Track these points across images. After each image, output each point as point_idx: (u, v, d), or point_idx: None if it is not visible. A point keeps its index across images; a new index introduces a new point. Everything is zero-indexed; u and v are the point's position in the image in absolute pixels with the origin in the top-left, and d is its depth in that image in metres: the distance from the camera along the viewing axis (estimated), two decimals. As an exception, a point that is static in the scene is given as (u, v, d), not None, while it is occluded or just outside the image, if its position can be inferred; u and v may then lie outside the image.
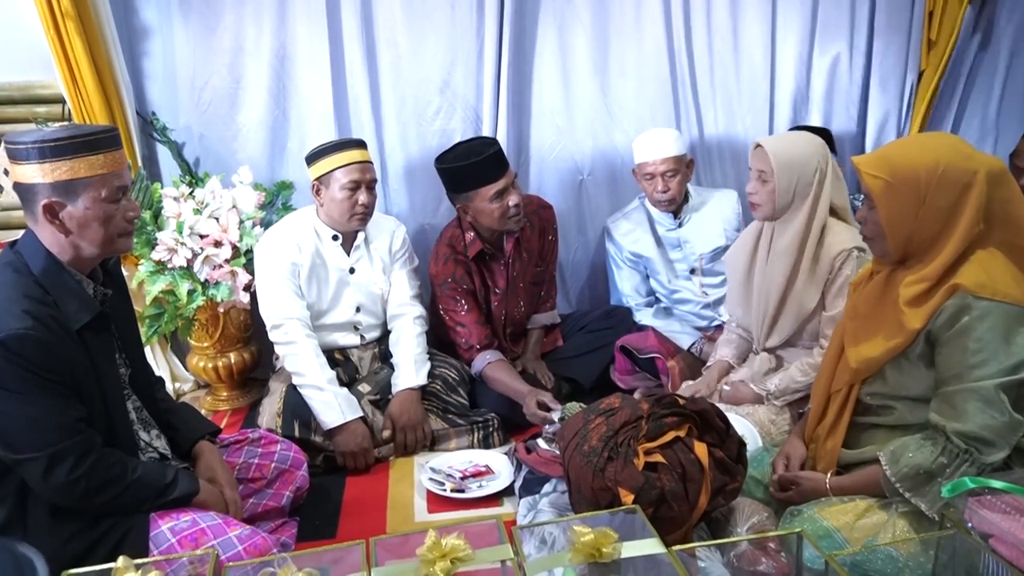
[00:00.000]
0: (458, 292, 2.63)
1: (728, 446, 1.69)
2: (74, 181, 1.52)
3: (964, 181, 1.46)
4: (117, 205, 1.58)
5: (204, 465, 1.80)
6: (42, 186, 1.51)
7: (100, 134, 1.55)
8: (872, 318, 1.63)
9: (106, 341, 1.64)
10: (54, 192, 1.52)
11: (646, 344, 2.63)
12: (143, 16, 2.73)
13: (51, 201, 1.52)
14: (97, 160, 1.54)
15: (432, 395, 2.52)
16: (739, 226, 2.83)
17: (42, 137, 1.50)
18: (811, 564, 1.32)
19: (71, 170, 1.51)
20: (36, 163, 1.50)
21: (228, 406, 2.85)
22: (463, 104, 2.97)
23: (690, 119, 3.13)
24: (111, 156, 1.57)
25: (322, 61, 2.82)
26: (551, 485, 2.03)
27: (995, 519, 1.24)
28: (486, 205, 2.51)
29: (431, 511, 2.14)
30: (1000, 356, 1.42)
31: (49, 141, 1.50)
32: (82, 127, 1.59)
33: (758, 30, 3.07)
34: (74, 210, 1.54)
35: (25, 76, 2.68)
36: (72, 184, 1.52)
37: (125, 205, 1.61)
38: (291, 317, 2.41)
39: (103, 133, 1.56)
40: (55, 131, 1.53)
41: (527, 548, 1.53)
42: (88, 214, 1.54)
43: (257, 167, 2.83)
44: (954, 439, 1.45)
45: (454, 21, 2.88)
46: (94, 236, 1.56)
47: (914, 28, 3.12)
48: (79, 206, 1.54)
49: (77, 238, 1.56)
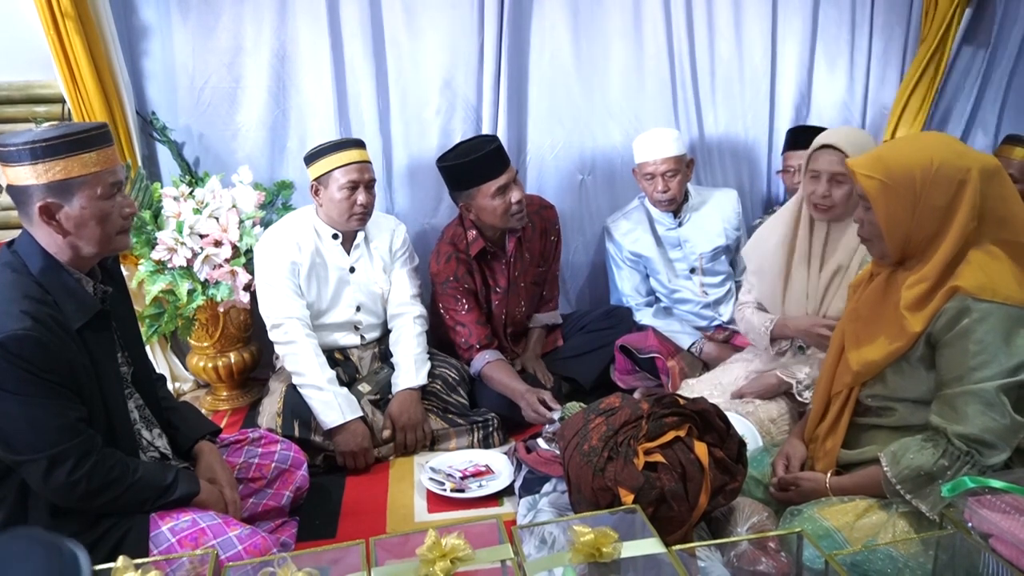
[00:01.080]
0: (459, 291, 2.63)
1: (728, 446, 1.69)
2: (68, 181, 1.51)
3: (959, 178, 1.46)
4: (112, 202, 1.57)
5: (204, 465, 1.80)
6: (36, 187, 1.50)
7: (91, 131, 1.54)
8: (873, 321, 1.63)
9: (107, 340, 1.64)
10: (49, 193, 1.51)
11: (646, 344, 2.63)
12: (143, 16, 2.73)
13: (47, 202, 1.51)
14: (90, 158, 1.52)
15: (432, 395, 2.52)
16: (739, 225, 2.84)
17: (33, 138, 1.48)
18: (811, 564, 1.32)
19: (64, 170, 1.50)
20: (28, 164, 1.48)
21: (228, 406, 2.85)
22: (463, 104, 2.97)
23: (690, 118, 3.13)
24: (103, 153, 1.55)
25: (322, 60, 2.82)
26: (551, 485, 2.03)
27: (995, 519, 1.24)
28: (488, 202, 2.51)
29: (431, 511, 2.14)
30: (1001, 358, 1.42)
31: (40, 141, 1.48)
32: (72, 125, 1.56)
33: (758, 29, 3.07)
34: (70, 210, 1.52)
35: (25, 76, 2.68)
36: (67, 184, 1.51)
37: (120, 202, 1.59)
38: (291, 316, 2.41)
39: (94, 130, 1.55)
40: (45, 131, 1.51)
41: (527, 548, 1.53)
42: (85, 213, 1.53)
43: (257, 167, 2.83)
44: (955, 441, 1.45)
45: (454, 20, 2.88)
46: (92, 235, 1.56)
47: (912, 28, 3.12)
48: (75, 206, 1.53)
49: (75, 238, 1.55)
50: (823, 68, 3.17)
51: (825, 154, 2.03)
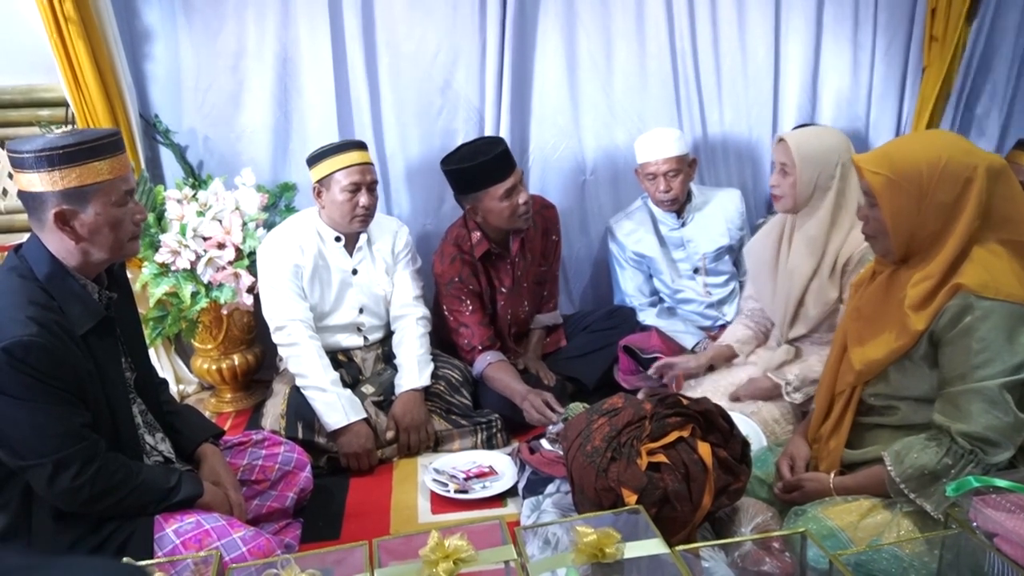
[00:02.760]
0: (463, 292, 2.63)
1: (732, 446, 1.69)
2: (83, 188, 1.52)
3: (966, 176, 1.46)
4: (125, 209, 1.59)
5: (208, 468, 1.80)
6: (51, 195, 1.51)
7: (105, 139, 1.55)
8: (876, 320, 1.62)
9: (111, 345, 1.64)
10: (64, 200, 1.51)
11: (649, 344, 2.63)
12: (146, 19, 2.73)
13: (62, 209, 1.51)
14: (104, 165, 1.54)
15: (435, 396, 2.52)
16: (742, 225, 2.83)
17: (48, 145, 1.49)
18: (815, 564, 1.32)
19: (79, 177, 1.51)
20: (44, 171, 1.49)
21: (232, 408, 2.86)
22: (465, 104, 2.97)
23: (693, 117, 3.12)
24: (117, 160, 1.57)
25: (324, 63, 2.82)
26: (555, 486, 2.03)
27: (1000, 518, 1.23)
28: (496, 204, 2.51)
29: (435, 512, 2.14)
30: (1004, 356, 1.42)
31: (57, 149, 1.49)
32: (86, 132, 1.57)
33: (762, 27, 3.06)
34: (85, 217, 1.53)
35: (28, 79, 2.69)
36: (82, 191, 1.52)
37: (132, 208, 1.61)
38: (294, 319, 2.42)
39: (108, 137, 1.56)
40: (60, 138, 1.52)
41: (530, 549, 1.52)
42: (99, 220, 1.54)
43: (260, 169, 2.83)
44: (959, 440, 1.44)
45: (456, 21, 2.88)
46: (105, 241, 1.57)
47: (916, 25, 3.11)
48: (90, 212, 1.53)
49: (88, 244, 1.56)
50: (826, 66, 3.16)
51: (778, 146, 2.13)
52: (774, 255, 2.26)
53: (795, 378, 2.12)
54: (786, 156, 2.08)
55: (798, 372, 2.13)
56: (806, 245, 2.12)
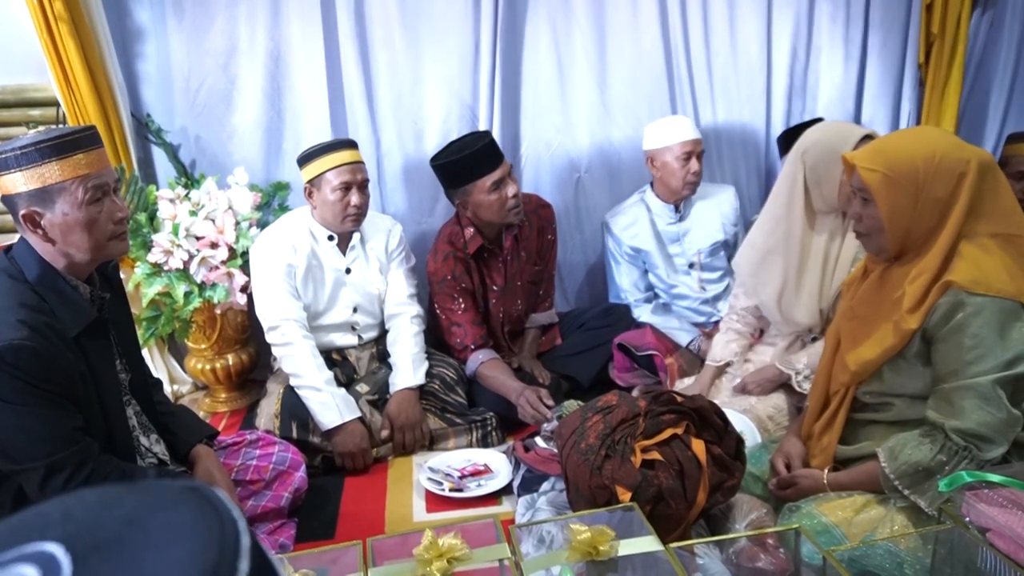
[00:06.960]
0: (456, 290, 2.63)
1: (726, 443, 1.69)
2: (47, 188, 1.46)
3: (959, 170, 1.46)
4: (100, 207, 1.52)
5: (201, 469, 1.80)
6: (19, 196, 1.47)
7: (70, 136, 1.49)
8: (869, 320, 1.62)
9: (105, 347, 1.63)
10: (31, 201, 1.47)
11: (644, 341, 2.63)
12: (137, 18, 2.72)
13: (29, 211, 1.47)
14: (67, 163, 1.47)
15: (430, 394, 2.51)
16: (736, 221, 2.84)
17: (11, 145, 1.45)
18: (810, 560, 1.32)
19: (40, 177, 1.45)
20: (11, 172, 1.46)
21: (226, 408, 2.85)
22: (459, 103, 2.96)
23: (687, 113, 3.11)
24: (86, 157, 1.49)
25: (317, 61, 2.81)
26: (550, 483, 2.03)
27: (993, 513, 1.24)
28: (485, 197, 2.51)
29: (430, 511, 2.13)
30: (996, 351, 1.42)
31: (16, 149, 1.45)
32: (51, 131, 1.51)
33: (754, 23, 3.06)
34: (53, 217, 1.48)
35: (18, 79, 2.66)
36: (46, 191, 1.47)
37: (110, 207, 1.54)
38: (287, 318, 2.41)
39: (74, 134, 1.49)
40: (24, 138, 1.48)
41: (525, 547, 1.52)
42: (68, 220, 1.49)
43: (253, 168, 2.82)
44: (953, 437, 1.45)
45: (449, 19, 2.87)
46: (80, 242, 1.51)
47: (912, 22, 3.11)
48: (57, 212, 1.48)
49: (64, 246, 1.51)
50: (817, 62, 3.16)
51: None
52: (800, 243, 2.08)
53: (804, 367, 2.11)
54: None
55: (807, 361, 2.12)
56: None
